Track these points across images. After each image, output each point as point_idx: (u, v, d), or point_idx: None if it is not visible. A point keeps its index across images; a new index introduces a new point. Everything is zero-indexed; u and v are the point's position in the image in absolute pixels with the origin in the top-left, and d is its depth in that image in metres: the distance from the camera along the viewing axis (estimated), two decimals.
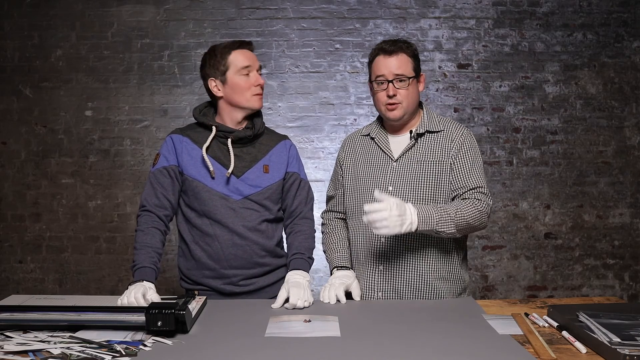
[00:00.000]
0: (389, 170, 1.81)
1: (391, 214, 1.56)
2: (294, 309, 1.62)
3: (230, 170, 1.79)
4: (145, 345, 1.30)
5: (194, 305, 1.53)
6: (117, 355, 1.24)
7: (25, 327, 1.41)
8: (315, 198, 1.98)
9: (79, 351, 1.26)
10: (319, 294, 1.76)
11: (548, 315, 1.53)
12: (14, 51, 3.57)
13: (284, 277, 1.89)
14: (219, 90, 1.82)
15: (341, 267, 1.84)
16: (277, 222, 1.92)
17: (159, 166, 1.82)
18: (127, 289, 1.56)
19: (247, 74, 1.79)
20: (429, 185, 1.77)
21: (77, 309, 1.42)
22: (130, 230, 3.57)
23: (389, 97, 1.76)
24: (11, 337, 1.35)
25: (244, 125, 1.87)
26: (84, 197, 3.61)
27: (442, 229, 1.64)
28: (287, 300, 1.65)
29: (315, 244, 1.90)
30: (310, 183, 1.99)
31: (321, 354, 1.26)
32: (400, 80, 1.75)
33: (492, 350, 1.28)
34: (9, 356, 1.24)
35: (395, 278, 1.78)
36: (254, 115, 1.88)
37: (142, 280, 1.61)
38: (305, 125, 3.62)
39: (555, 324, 1.46)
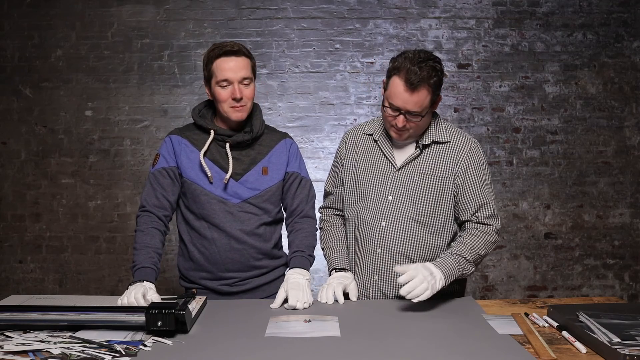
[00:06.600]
0: (390, 179, 1.76)
1: (425, 276, 1.55)
2: (293, 309, 1.61)
3: (228, 176, 1.77)
4: (145, 345, 1.31)
5: (194, 305, 1.53)
6: (117, 355, 1.24)
7: (25, 327, 1.41)
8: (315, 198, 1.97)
9: (79, 351, 1.26)
10: (318, 294, 1.76)
11: (548, 315, 1.53)
12: (14, 51, 3.57)
13: (281, 276, 1.88)
14: (209, 94, 1.80)
15: (340, 268, 1.82)
16: (275, 224, 1.90)
17: (159, 167, 1.81)
18: (127, 289, 1.56)
19: (225, 86, 1.73)
20: (429, 200, 1.73)
21: (77, 309, 1.42)
22: (130, 230, 3.57)
23: (398, 127, 1.68)
24: (11, 337, 1.35)
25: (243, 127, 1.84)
26: (84, 197, 3.61)
27: (464, 273, 1.69)
28: (286, 300, 1.64)
29: (317, 242, 1.89)
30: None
31: (321, 354, 1.26)
32: (414, 116, 1.65)
33: (492, 350, 1.29)
34: (9, 356, 1.24)
35: (389, 286, 1.77)
36: (253, 117, 1.84)
37: (142, 281, 1.61)
38: (305, 125, 3.62)
39: (555, 324, 1.46)
